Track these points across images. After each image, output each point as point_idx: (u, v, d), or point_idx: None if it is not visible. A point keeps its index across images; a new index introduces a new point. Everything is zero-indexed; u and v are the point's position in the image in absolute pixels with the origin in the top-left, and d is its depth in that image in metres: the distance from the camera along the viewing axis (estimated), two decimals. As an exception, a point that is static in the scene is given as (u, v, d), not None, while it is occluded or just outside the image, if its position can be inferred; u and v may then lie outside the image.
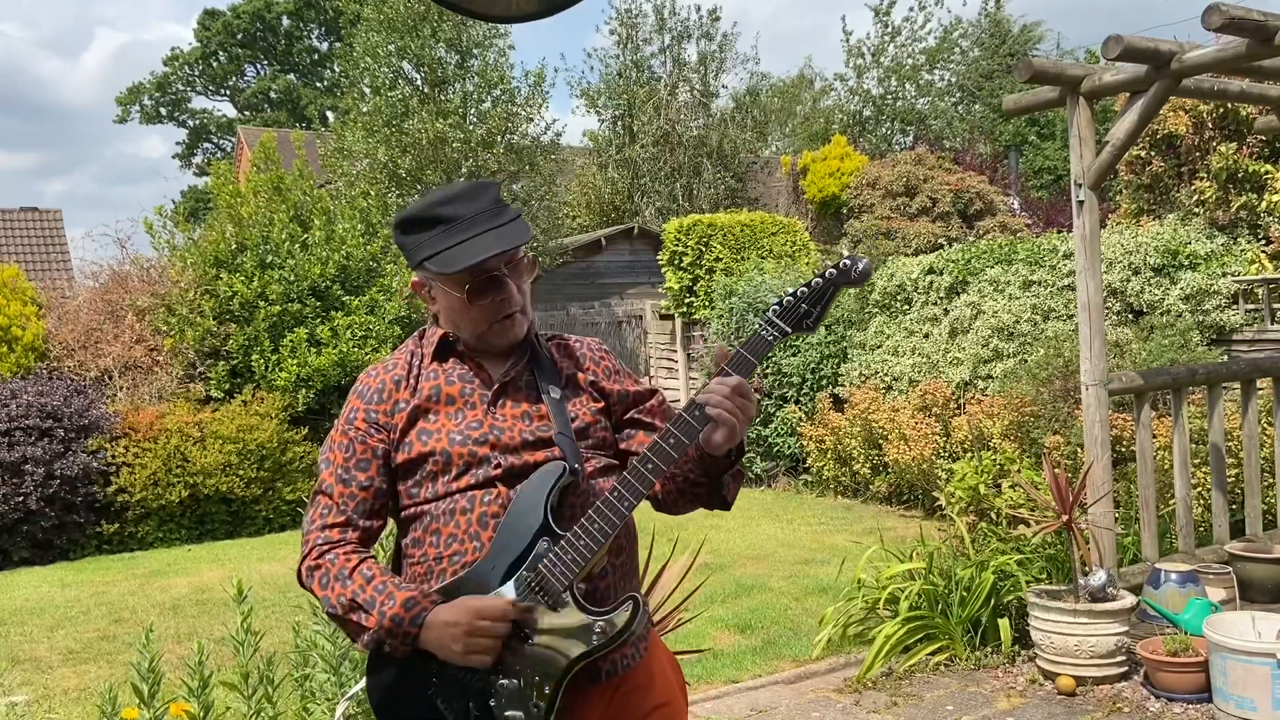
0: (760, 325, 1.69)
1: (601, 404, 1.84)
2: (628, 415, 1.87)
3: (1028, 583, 4.44)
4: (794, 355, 10.12)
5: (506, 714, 1.62)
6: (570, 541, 1.63)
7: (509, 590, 1.64)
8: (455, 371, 1.79)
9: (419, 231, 1.75)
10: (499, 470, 1.70)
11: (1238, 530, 5.25)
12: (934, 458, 7.89)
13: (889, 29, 21.70)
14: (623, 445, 1.86)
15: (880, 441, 8.42)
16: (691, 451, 1.73)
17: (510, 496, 1.69)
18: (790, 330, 1.67)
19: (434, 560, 1.70)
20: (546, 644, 1.63)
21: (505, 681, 1.63)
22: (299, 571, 1.75)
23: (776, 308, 1.69)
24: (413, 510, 1.75)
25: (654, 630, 1.91)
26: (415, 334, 1.89)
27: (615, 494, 1.65)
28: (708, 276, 12.62)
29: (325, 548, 1.72)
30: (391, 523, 1.84)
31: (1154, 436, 5.05)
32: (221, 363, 10.31)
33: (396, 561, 1.82)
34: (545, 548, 1.64)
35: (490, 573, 1.65)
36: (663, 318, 14.02)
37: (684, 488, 1.80)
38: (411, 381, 1.78)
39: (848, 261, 1.69)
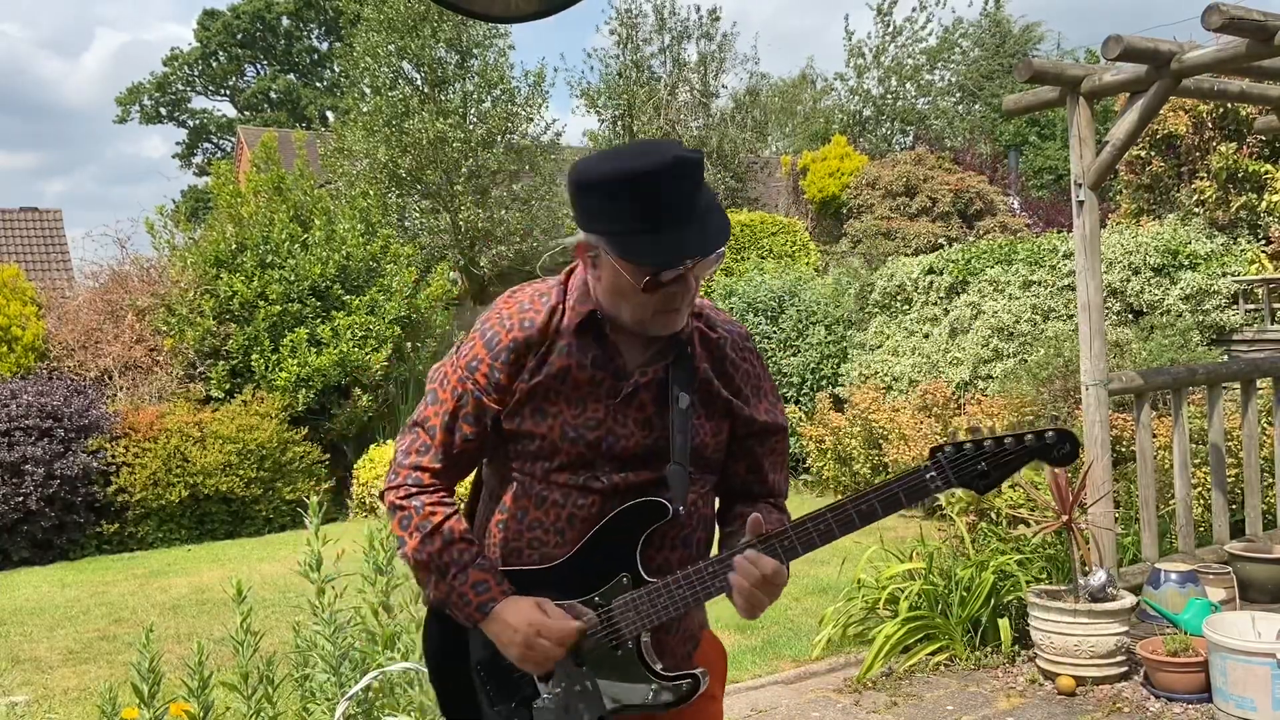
0: (926, 466, 1.49)
1: (728, 424, 1.70)
2: (747, 443, 1.73)
3: (1028, 583, 4.44)
4: (794, 355, 10.12)
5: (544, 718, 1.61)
6: (652, 594, 1.57)
7: (580, 610, 1.60)
8: (590, 354, 1.62)
9: (607, 201, 1.51)
10: (600, 485, 1.62)
11: (1238, 530, 5.25)
12: (934, 458, 7.86)
13: (890, 29, 21.69)
14: (728, 463, 1.73)
15: (880, 442, 8.42)
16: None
17: (604, 511, 1.61)
18: (955, 486, 1.50)
19: (514, 535, 1.65)
20: (595, 677, 1.59)
21: (550, 692, 1.61)
22: (382, 495, 1.71)
23: (951, 451, 1.49)
24: (509, 473, 1.68)
25: (707, 623, 1.85)
26: (564, 274, 1.70)
27: (720, 568, 1.57)
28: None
29: (414, 490, 1.66)
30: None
31: (1154, 436, 5.05)
32: (221, 363, 10.31)
33: (476, 502, 1.78)
34: (625, 584, 1.59)
35: (566, 580, 1.60)
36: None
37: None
38: (542, 351, 1.63)
39: (1053, 436, 1.47)
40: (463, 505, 1.79)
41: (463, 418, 1.65)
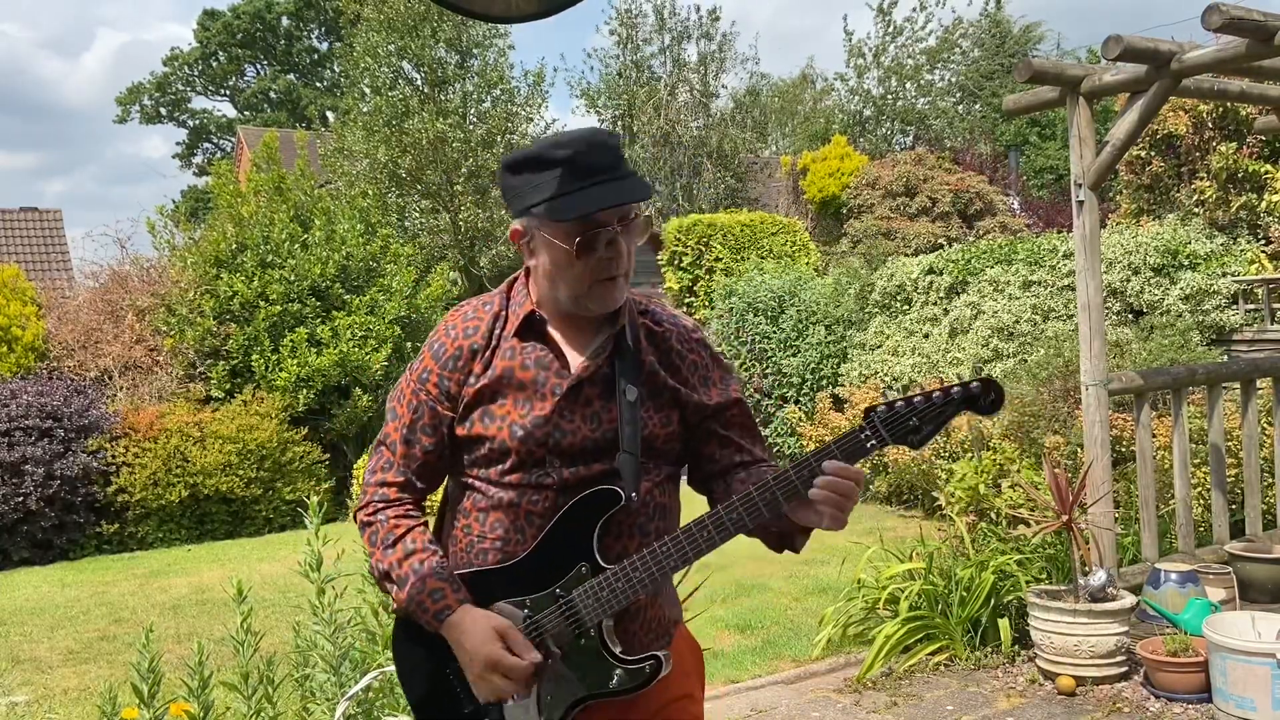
0: (861, 427, 1.55)
1: (678, 413, 1.73)
2: (705, 425, 1.76)
3: (1028, 583, 4.44)
4: (794, 355, 10.12)
5: (515, 715, 1.64)
6: (611, 580, 1.60)
7: (528, 607, 1.64)
8: (533, 354, 1.69)
9: (532, 172, 1.63)
10: (552, 480, 1.65)
11: (1237, 530, 5.25)
12: (934, 458, 7.89)
13: (890, 29, 21.69)
14: (697, 448, 1.78)
15: (880, 441, 8.40)
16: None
17: (559, 505, 1.64)
18: (890, 443, 1.53)
19: (476, 538, 1.69)
20: (565, 668, 1.63)
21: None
22: (354, 515, 1.79)
23: (884, 410, 1.54)
24: (466, 480, 1.73)
25: (681, 619, 1.86)
26: (505, 284, 1.79)
27: (673, 546, 1.59)
28: (707, 277, 12.62)
29: (380, 505, 1.73)
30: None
31: (1154, 436, 5.05)
32: (221, 363, 10.31)
33: (443, 515, 1.82)
34: (584, 573, 1.62)
35: (527, 576, 1.64)
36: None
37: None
38: (487, 355, 1.70)
39: (977, 386, 1.54)
40: (433, 521, 1.84)
41: (420, 429, 1.72)
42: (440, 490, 1.85)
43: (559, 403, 1.65)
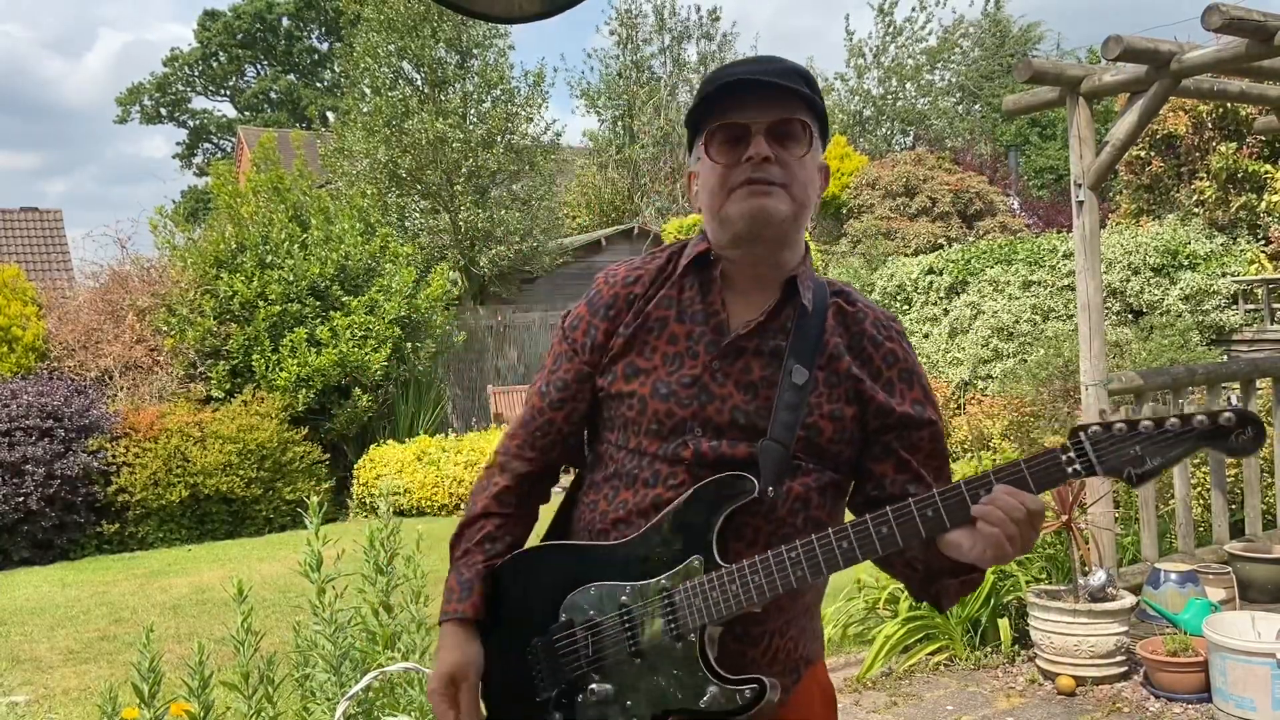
0: (1064, 446, 1.26)
1: (855, 409, 1.46)
2: (884, 438, 1.48)
3: (1027, 583, 4.44)
4: (794, 355, 10.13)
5: (591, 715, 1.46)
6: (723, 580, 1.38)
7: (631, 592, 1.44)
8: (694, 305, 1.49)
9: (698, 97, 1.47)
10: (690, 453, 1.44)
11: (1237, 530, 5.25)
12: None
13: (891, 28, 21.69)
14: (867, 464, 1.49)
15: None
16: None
17: (693, 484, 1.43)
18: (1100, 472, 1.24)
19: (600, 515, 1.51)
20: (651, 672, 1.42)
21: (599, 686, 1.46)
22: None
23: (1098, 431, 1.24)
24: (600, 447, 1.55)
25: (819, 659, 1.59)
26: (679, 242, 1.61)
27: (803, 552, 1.35)
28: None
29: (498, 467, 1.61)
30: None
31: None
32: (222, 363, 10.31)
33: (576, 487, 1.63)
34: (696, 567, 1.40)
35: (634, 561, 1.44)
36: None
37: (892, 557, 1.43)
38: (642, 303, 1.52)
39: (1230, 418, 1.21)
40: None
41: (554, 381, 1.57)
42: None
43: (712, 362, 1.45)
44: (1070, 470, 1.25)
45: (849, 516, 1.45)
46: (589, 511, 1.53)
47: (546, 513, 1.67)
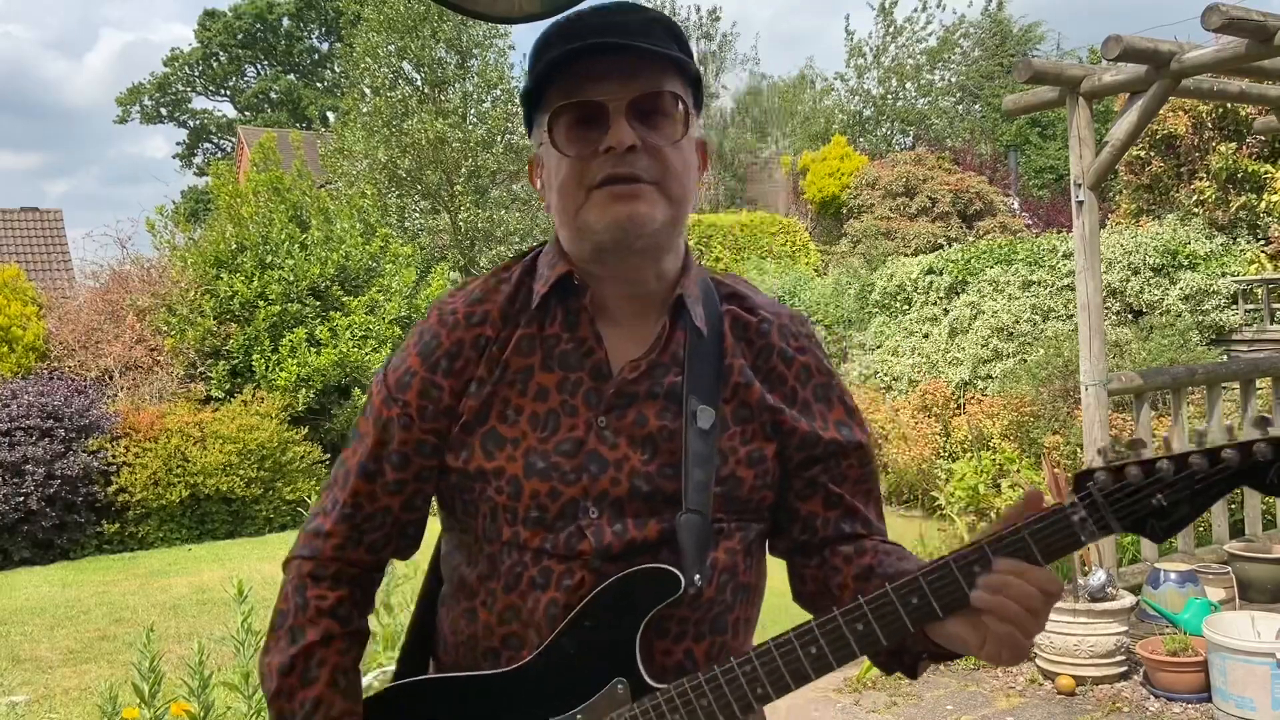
0: (1072, 503, 1.01)
1: (774, 445, 1.18)
2: (809, 473, 1.19)
3: (1027, 582, 4.44)
4: (794, 355, 10.13)
5: None
6: (662, 710, 1.07)
7: None
8: (562, 345, 1.16)
9: (535, 60, 1.15)
10: (588, 546, 1.10)
11: (1237, 530, 5.26)
12: (934, 458, 7.89)
13: (892, 28, 21.70)
14: (791, 503, 1.21)
15: (880, 441, 8.42)
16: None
17: (597, 584, 1.10)
18: (1118, 529, 1.01)
19: (481, 630, 1.15)
20: None
21: None
22: (285, 563, 1.29)
23: (1106, 479, 1.00)
24: (468, 544, 1.19)
25: None
26: (529, 252, 1.25)
27: (762, 666, 1.08)
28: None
29: (305, 565, 1.22)
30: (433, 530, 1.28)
31: (1153, 436, 5.05)
32: (222, 363, 10.32)
33: (428, 597, 1.28)
34: (620, 694, 1.09)
35: (540, 687, 1.11)
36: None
37: None
38: (495, 351, 1.16)
39: (1266, 450, 0.98)
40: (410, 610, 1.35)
41: (386, 458, 1.17)
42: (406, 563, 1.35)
43: (597, 418, 1.13)
44: (1084, 534, 1.00)
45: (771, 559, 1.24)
46: (465, 623, 1.17)
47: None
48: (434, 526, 1.27)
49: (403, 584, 3.34)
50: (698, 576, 1.10)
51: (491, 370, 1.16)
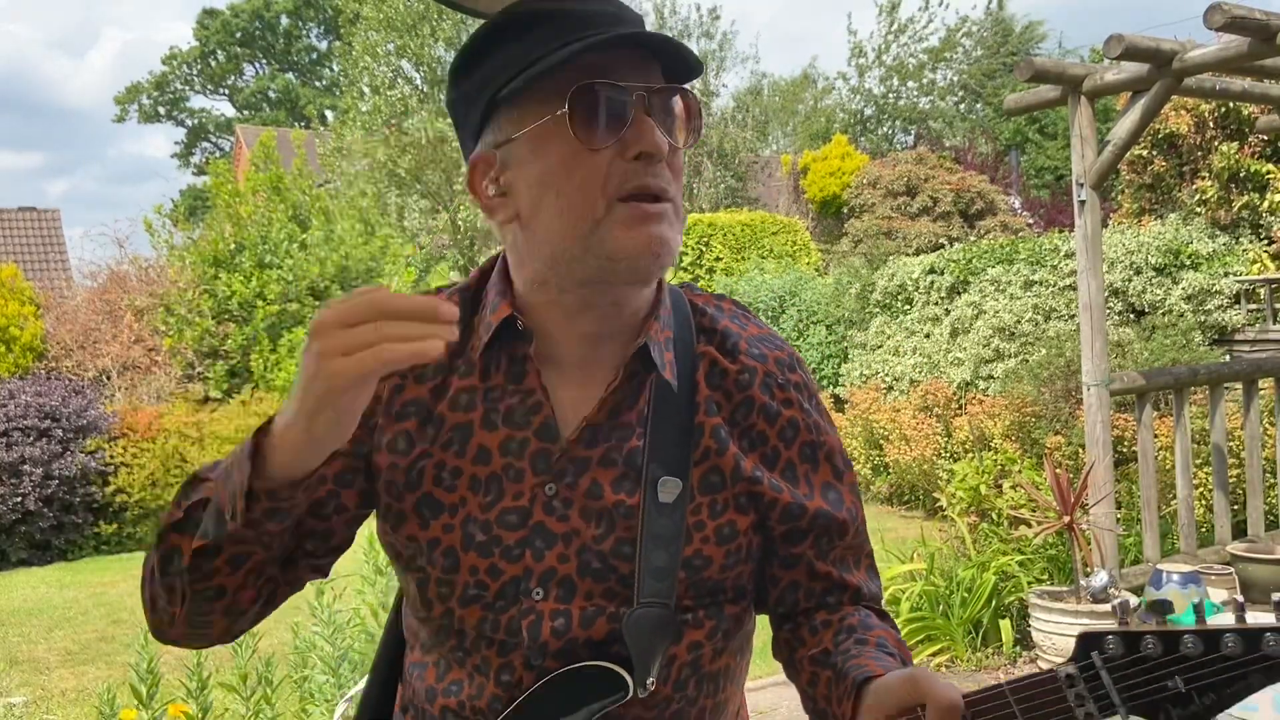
0: (1069, 677, 0.84)
1: (752, 516, 1.02)
2: (794, 547, 1.04)
3: (1029, 584, 4.43)
4: (794, 355, 10.12)
5: None
6: None
7: None
8: (506, 399, 0.99)
9: (499, 51, 0.95)
10: (524, 640, 0.98)
11: (1239, 531, 5.24)
12: (935, 458, 7.87)
13: (894, 27, 21.69)
14: (770, 570, 1.07)
15: (881, 442, 8.41)
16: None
17: (539, 678, 0.98)
18: (1124, 712, 0.83)
19: (428, 692, 1.05)
20: None
21: None
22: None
23: (1116, 646, 0.83)
24: (410, 599, 1.07)
25: None
26: (475, 274, 1.07)
27: None
28: (708, 276, 12.61)
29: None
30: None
31: (1155, 437, 5.04)
32: (220, 363, 10.30)
33: (391, 641, 1.16)
34: None
35: None
36: (663, 317, 14.02)
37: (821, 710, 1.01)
38: (433, 400, 1.01)
39: None
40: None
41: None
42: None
43: (545, 485, 0.98)
44: (1081, 714, 0.83)
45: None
46: (416, 679, 1.07)
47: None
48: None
49: (402, 585, 3.33)
50: (650, 680, 0.97)
51: (425, 426, 1.00)
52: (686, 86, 0.97)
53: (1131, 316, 7.73)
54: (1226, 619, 0.85)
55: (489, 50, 0.96)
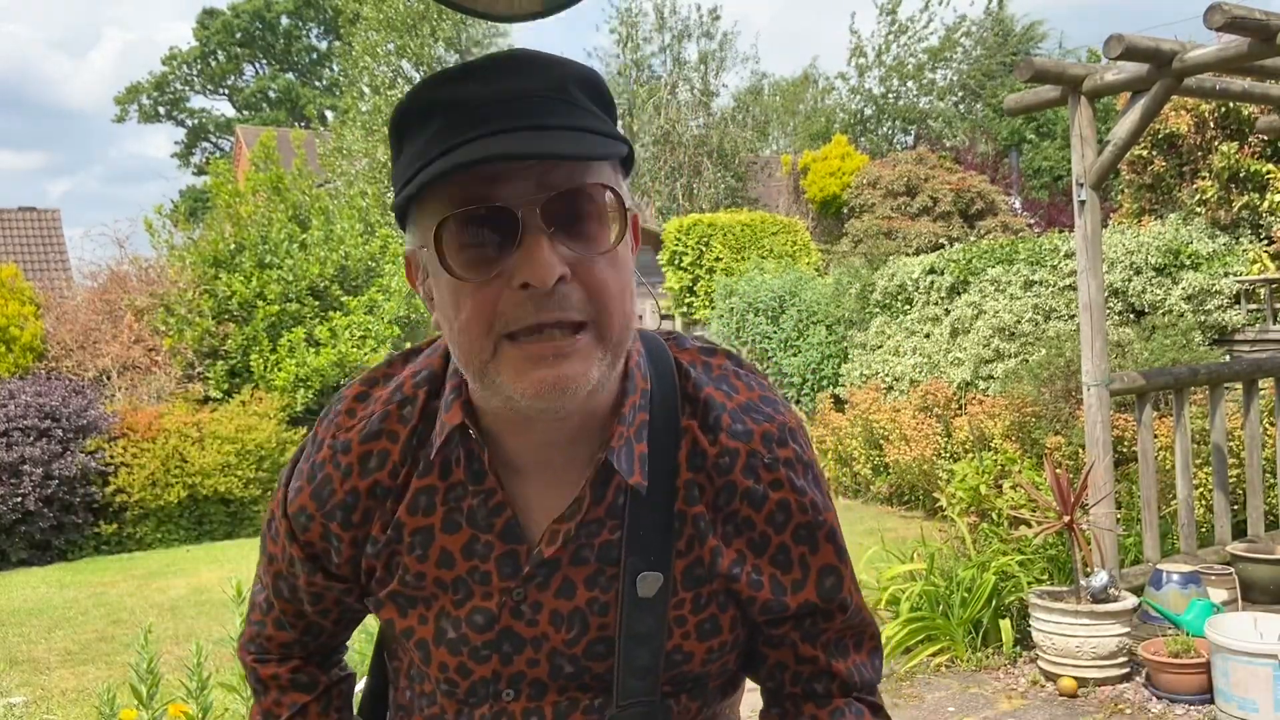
0: None
1: (734, 611, 0.98)
2: (779, 631, 1.00)
3: (1029, 584, 4.43)
4: (794, 355, 10.10)
5: None
6: None
7: None
8: (466, 499, 0.95)
9: (412, 139, 0.86)
10: None
11: (1239, 531, 5.24)
12: (935, 458, 7.87)
13: (894, 28, 21.68)
14: (758, 648, 1.03)
15: (881, 442, 8.41)
16: None
17: None
18: None
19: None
20: None
21: None
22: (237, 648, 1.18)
23: None
24: (394, 670, 1.10)
25: None
26: (432, 356, 1.01)
27: None
28: (708, 276, 12.61)
29: (259, 665, 1.12)
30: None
31: (1155, 437, 5.04)
32: (220, 363, 10.30)
33: (377, 673, 1.18)
34: None
35: None
36: (663, 318, 14.02)
37: None
38: (391, 504, 0.97)
39: None
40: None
41: (299, 589, 1.05)
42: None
43: (514, 590, 0.95)
44: None
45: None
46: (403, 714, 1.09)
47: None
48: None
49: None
50: None
51: (386, 529, 0.97)
52: (598, 183, 0.84)
53: (1131, 316, 7.72)
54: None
55: (399, 144, 0.89)
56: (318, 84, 37.90)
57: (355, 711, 1.18)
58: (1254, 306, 7.64)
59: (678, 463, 0.94)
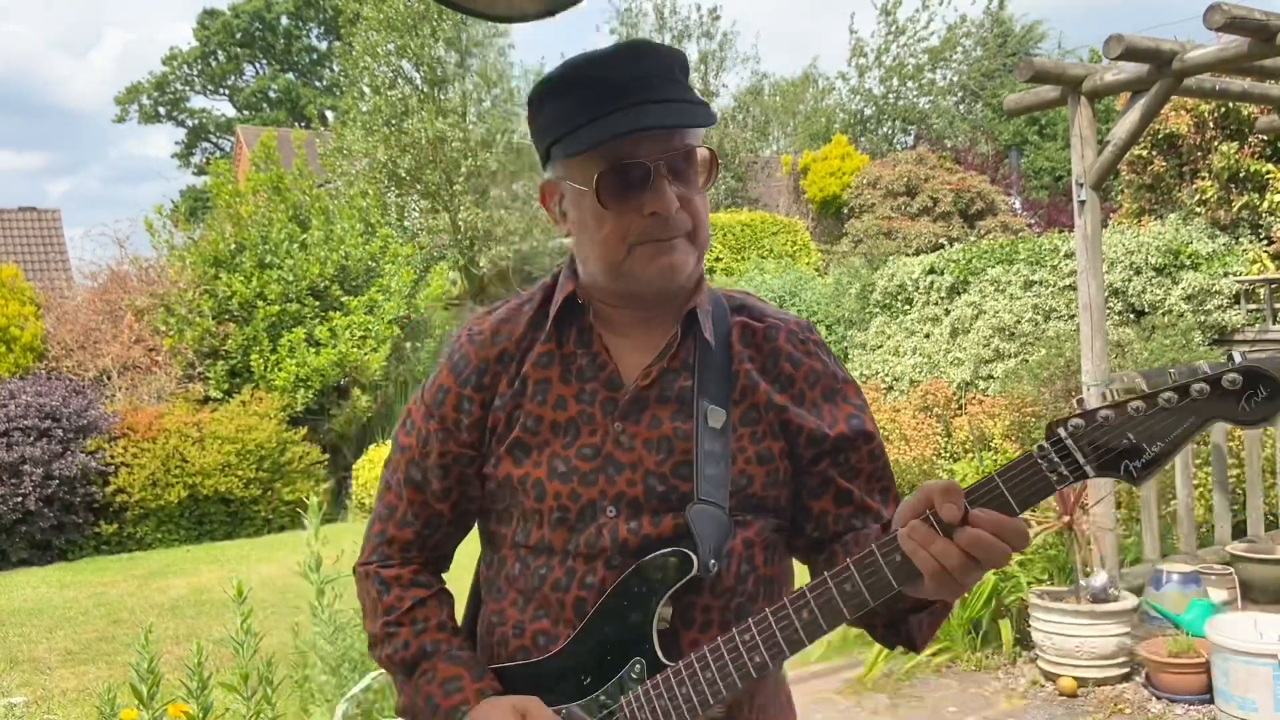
0: (1041, 449, 1.03)
1: (782, 443, 1.25)
2: (819, 467, 1.26)
3: (1029, 584, 4.43)
4: (794, 355, 10.11)
5: None
6: (671, 684, 1.16)
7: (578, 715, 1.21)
8: (576, 360, 1.27)
9: (556, 100, 1.22)
10: (606, 544, 1.20)
11: (1239, 531, 5.24)
12: (935, 458, 7.87)
13: (894, 27, 21.67)
14: (803, 500, 1.28)
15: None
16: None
17: (611, 582, 1.20)
18: (1091, 472, 1.03)
19: (512, 630, 1.27)
20: None
21: None
22: (354, 568, 1.40)
23: (1080, 424, 1.03)
24: (497, 549, 1.32)
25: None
26: (556, 270, 1.35)
27: (759, 632, 1.13)
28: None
29: (380, 566, 1.34)
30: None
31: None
32: (220, 363, 10.30)
33: (473, 600, 1.40)
34: (638, 674, 1.18)
35: (565, 674, 1.22)
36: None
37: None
38: (515, 366, 1.28)
39: (1234, 379, 0.97)
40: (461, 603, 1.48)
41: (431, 469, 1.30)
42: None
43: (614, 423, 1.23)
44: (1054, 477, 1.02)
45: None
46: (499, 623, 1.29)
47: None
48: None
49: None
50: (713, 561, 1.18)
51: (513, 384, 1.27)
52: (700, 144, 1.22)
53: (1131, 316, 7.72)
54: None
55: (543, 102, 1.24)
56: (318, 84, 37.88)
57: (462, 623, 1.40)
58: (1254, 306, 7.64)
59: (731, 341, 1.28)
